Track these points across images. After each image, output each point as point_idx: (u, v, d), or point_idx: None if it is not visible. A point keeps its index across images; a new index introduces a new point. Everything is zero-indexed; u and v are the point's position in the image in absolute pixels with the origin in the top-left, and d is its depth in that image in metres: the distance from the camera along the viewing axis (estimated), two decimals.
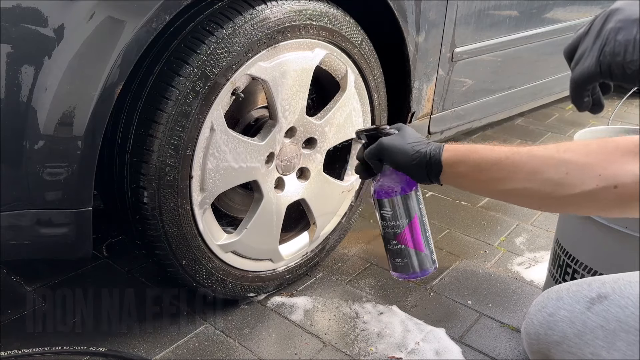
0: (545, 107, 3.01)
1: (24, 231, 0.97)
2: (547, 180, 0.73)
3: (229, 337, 1.28)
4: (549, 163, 0.73)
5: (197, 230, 1.16)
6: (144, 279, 1.47)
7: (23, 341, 1.23)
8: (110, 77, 0.92)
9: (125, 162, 1.06)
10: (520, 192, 0.77)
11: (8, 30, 0.83)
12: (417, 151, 0.84)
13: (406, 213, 0.90)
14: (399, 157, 0.86)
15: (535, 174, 0.74)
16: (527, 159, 0.75)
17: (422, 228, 0.91)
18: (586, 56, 0.63)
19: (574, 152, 0.72)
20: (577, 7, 2.14)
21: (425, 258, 0.91)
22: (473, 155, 0.80)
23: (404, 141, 0.86)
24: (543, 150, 0.75)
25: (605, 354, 0.68)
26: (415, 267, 0.91)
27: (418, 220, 0.91)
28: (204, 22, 1.05)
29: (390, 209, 0.90)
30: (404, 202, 0.89)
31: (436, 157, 0.83)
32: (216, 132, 1.10)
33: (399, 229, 0.90)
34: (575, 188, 0.71)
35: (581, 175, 0.71)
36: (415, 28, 1.43)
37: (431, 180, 0.85)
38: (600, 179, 0.70)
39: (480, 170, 0.79)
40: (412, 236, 0.90)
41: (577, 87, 0.64)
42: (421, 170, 0.84)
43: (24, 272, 1.48)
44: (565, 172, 0.72)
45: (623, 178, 0.68)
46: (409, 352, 1.25)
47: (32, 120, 0.89)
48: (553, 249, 1.31)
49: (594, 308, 0.71)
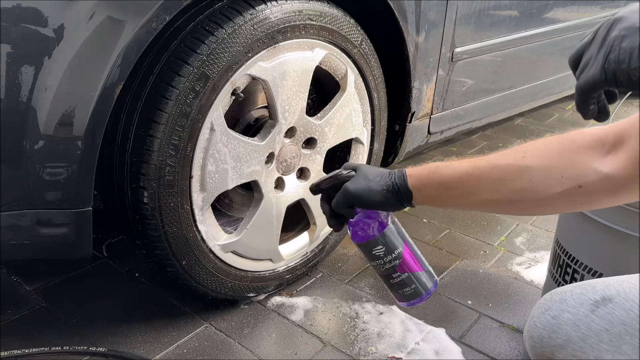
0: (545, 107, 3.01)
1: (24, 231, 0.97)
2: (512, 190, 0.74)
3: (229, 337, 1.28)
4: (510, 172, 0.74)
5: (197, 230, 1.16)
6: (144, 279, 1.47)
7: (23, 341, 1.23)
8: (110, 77, 0.92)
9: (125, 162, 1.06)
10: (490, 203, 0.78)
11: (8, 30, 0.83)
12: (384, 186, 0.85)
13: (396, 243, 0.90)
14: (369, 197, 0.86)
15: (499, 185, 0.75)
16: (488, 171, 0.76)
17: (413, 250, 0.93)
18: (591, 64, 0.64)
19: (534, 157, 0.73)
20: (577, 7, 2.14)
21: (427, 277, 0.92)
22: (435, 176, 0.82)
23: (369, 180, 0.87)
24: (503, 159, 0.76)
25: (610, 357, 0.67)
26: (423, 288, 0.92)
27: (407, 244, 0.92)
28: (204, 22, 1.05)
29: (381, 246, 0.90)
30: (390, 234, 0.90)
31: (403, 186, 0.84)
32: (216, 132, 1.10)
33: (397, 260, 0.90)
34: (541, 193, 0.72)
35: (545, 180, 0.72)
36: (415, 28, 1.43)
37: (403, 206, 0.86)
38: (563, 181, 0.70)
39: (445, 189, 0.81)
40: (409, 262, 0.91)
41: (583, 95, 0.65)
42: (393, 201, 0.85)
43: (24, 272, 1.48)
44: (528, 179, 0.73)
45: (586, 177, 0.69)
46: (409, 352, 1.25)
47: (32, 120, 0.89)
48: (553, 249, 1.31)
49: (599, 311, 0.71)
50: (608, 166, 0.68)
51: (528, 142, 0.76)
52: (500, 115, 2.10)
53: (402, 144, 1.60)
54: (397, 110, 1.57)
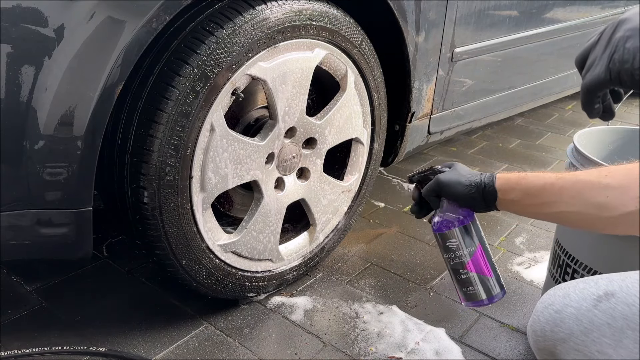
0: (545, 107, 3.01)
1: (24, 231, 0.97)
2: (590, 204, 0.78)
3: (229, 337, 1.28)
4: (591, 187, 0.78)
5: (197, 230, 1.16)
6: (144, 279, 1.47)
7: (23, 341, 1.23)
8: (111, 77, 0.92)
9: (125, 162, 1.06)
10: (567, 215, 0.82)
11: (8, 30, 0.83)
12: (472, 182, 0.92)
13: (471, 241, 0.95)
14: (456, 189, 0.93)
15: (578, 197, 0.79)
16: (572, 184, 0.80)
17: (487, 254, 0.97)
18: (596, 64, 0.65)
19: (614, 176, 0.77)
20: (577, 7, 2.14)
21: (494, 284, 0.96)
22: (523, 182, 0.86)
23: (459, 175, 0.94)
24: (587, 175, 0.80)
25: (612, 351, 0.68)
26: (486, 292, 0.96)
27: (482, 247, 0.96)
28: (204, 22, 1.05)
29: (456, 239, 0.95)
30: (468, 231, 0.95)
31: (490, 186, 0.90)
32: (216, 132, 1.10)
33: (466, 258, 0.95)
34: (616, 210, 0.75)
35: (620, 198, 0.75)
36: (415, 28, 1.43)
37: (488, 207, 0.92)
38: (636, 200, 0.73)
39: (530, 196, 0.85)
40: (479, 263, 0.96)
41: (588, 94, 0.66)
42: (478, 199, 0.91)
43: (24, 272, 1.48)
44: (606, 195, 0.76)
45: None
46: (409, 352, 1.25)
47: (32, 120, 0.89)
48: (553, 249, 1.31)
49: (601, 305, 0.71)
50: None
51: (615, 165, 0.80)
52: (500, 115, 2.11)
53: (402, 144, 1.60)
54: (397, 110, 1.57)
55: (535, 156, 2.43)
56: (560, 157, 2.41)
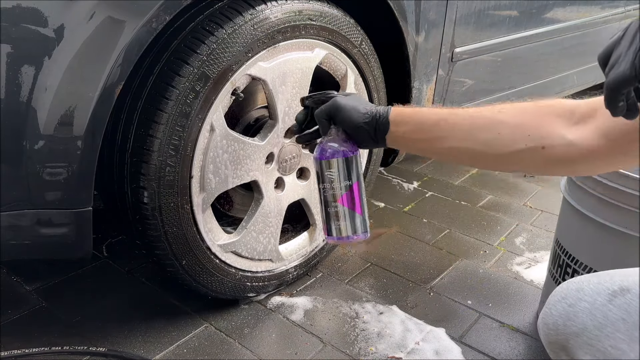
0: None
1: (24, 231, 0.97)
2: (481, 140, 0.79)
3: (229, 337, 1.28)
4: (483, 123, 0.79)
5: (197, 230, 1.16)
6: (144, 279, 1.47)
7: (23, 341, 1.23)
8: (111, 77, 0.92)
9: (125, 162, 1.06)
10: (457, 151, 0.83)
11: (8, 30, 0.83)
12: (369, 110, 0.90)
13: (350, 175, 0.93)
14: (352, 114, 0.90)
15: (470, 133, 0.80)
16: (464, 119, 0.81)
17: (361, 192, 0.95)
18: (621, 61, 0.64)
19: (509, 114, 0.78)
20: (577, 7, 2.14)
21: (361, 222, 0.95)
22: (416, 116, 0.86)
23: (357, 101, 0.92)
24: (480, 111, 0.81)
25: (626, 347, 0.67)
26: (352, 229, 0.95)
27: (358, 183, 0.94)
28: (204, 22, 1.05)
29: (336, 170, 0.93)
30: (349, 164, 0.93)
31: (384, 116, 0.88)
32: (216, 132, 1.10)
33: (342, 191, 0.94)
34: (507, 147, 0.77)
35: (512, 135, 0.76)
36: (415, 28, 1.43)
37: (377, 140, 0.90)
38: (529, 139, 0.75)
39: (422, 130, 0.85)
40: (353, 198, 0.94)
41: (612, 91, 0.65)
42: (370, 129, 0.89)
43: (24, 272, 1.48)
44: (497, 132, 0.77)
45: (551, 140, 0.74)
46: (409, 352, 1.25)
47: (32, 120, 0.89)
48: (553, 249, 1.31)
49: (616, 301, 0.71)
50: (573, 134, 0.72)
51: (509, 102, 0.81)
52: None
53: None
54: None
55: None
56: None
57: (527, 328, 1.34)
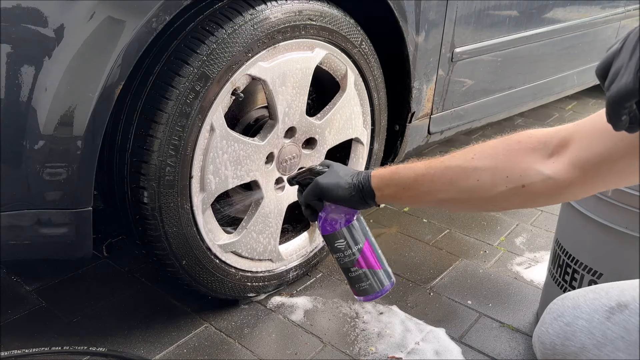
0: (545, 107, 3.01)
1: (24, 231, 0.97)
2: (462, 189, 0.80)
3: (229, 337, 1.28)
4: (459, 172, 0.80)
5: (197, 230, 1.16)
6: (144, 279, 1.47)
7: (23, 341, 1.23)
8: (110, 77, 0.92)
9: (125, 162, 1.06)
10: (445, 201, 0.84)
11: (8, 30, 0.83)
12: (351, 184, 0.92)
13: (358, 238, 0.96)
14: (337, 192, 0.93)
15: (450, 185, 0.81)
16: (441, 172, 0.82)
17: (374, 248, 0.98)
18: (622, 73, 0.62)
19: (481, 158, 0.79)
20: (577, 7, 2.14)
21: (384, 275, 0.98)
22: (395, 177, 0.88)
23: (338, 177, 0.94)
24: (454, 160, 0.82)
25: None
26: (378, 285, 0.98)
27: (369, 242, 0.97)
28: (204, 22, 1.05)
29: (343, 239, 0.96)
30: (354, 229, 0.96)
31: (367, 185, 0.91)
32: (216, 133, 1.10)
33: (355, 256, 0.97)
34: (488, 192, 0.77)
35: (491, 179, 0.77)
36: (415, 28, 1.43)
37: (369, 204, 0.92)
38: (508, 181, 0.75)
39: (404, 189, 0.87)
40: (368, 259, 0.97)
41: (615, 105, 0.64)
42: (358, 198, 0.92)
43: (24, 272, 1.48)
44: (476, 179, 0.78)
45: (529, 177, 0.74)
46: (409, 352, 1.25)
47: (32, 120, 0.89)
48: (553, 249, 1.31)
49: (614, 318, 0.69)
50: (550, 168, 0.72)
51: (477, 144, 0.82)
52: (500, 116, 2.10)
53: (402, 144, 1.60)
54: (397, 110, 1.57)
55: None
56: None
57: (527, 328, 1.34)
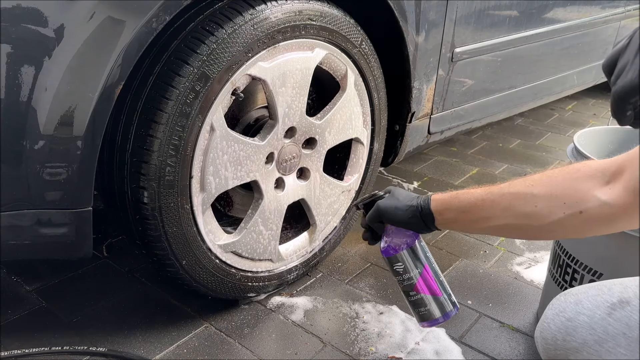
0: (545, 107, 3.01)
1: (24, 231, 0.97)
2: (520, 215, 0.81)
3: (229, 337, 1.28)
4: (518, 199, 0.81)
5: (197, 230, 1.16)
6: (144, 279, 1.47)
7: (23, 341, 1.23)
8: (110, 77, 0.92)
9: (125, 162, 1.06)
10: (502, 227, 0.85)
11: (8, 30, 0.83)
12: (409, 206, 0.94)
13: (417, 263, 0.97)
14: (396, 214, 0.96)
15: (508, 210, 0.82)
16: (500, 198, 0.84)
17: (435, 274, 0.99)
18: (627, 69, 0.63)
19: (541, 185, 0.79)
20: (577, 7, 2.14)
21: (445, 302, 0.98)
22: (455, 201, 0.90)
23: (397, 201, 0.97)
24: (513, 187, 0.83)
25: None
26: (437, 312, 0.98)
27: (429, 267, 0.98)
28: (204, 22, 1.05)
29: (402, 263, 0.98)
30: (412, 254, 0.97)
31: (426, 208, 0.92)
32: (216, 133, 1.10)
33: (413, 280, 0.98)
34: (546, 218, 0.78)
35: (549, 206, 0.77)
36: (415, 28, 1.43)
37: (429, 228, 0.94)
38: (566, 207, 0.75)
39: (464, 213, 0.88)
40: (427, 284, 0.98)
41: (620, 101, 0.64)
42: (417, 221, 0.94)
43: (24, 272, 1.48)
44: (534, 205, 0.78)
45: (586, 204, 0.74)
46: (409, 352, 1.25)
47: (32, 120, 0.89)
48: (553, 248, 1.31)
49: (616, 314, 0.70)
50: (606, 194, 0.72)
51: (536, 173, 0.83)
52: (500, 115, 2.10)
53: (402, 144, 1.60)
54: (397, 110, 1.57)
55: (535, 156, 2.43)
56: (560, 157, 2.41)
57: (527, 328, 1.34)
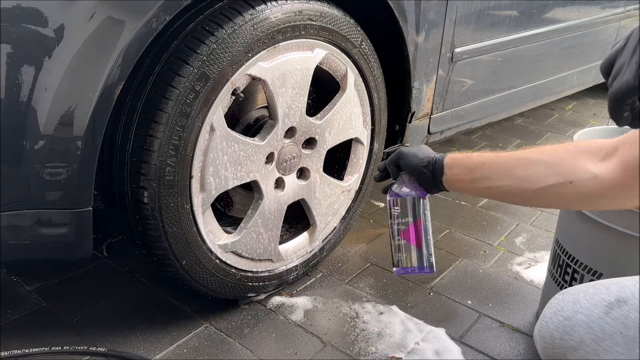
0: (545, 107, 3.01)
1: (24, 231, 0.97)
2: (516, 178, 0.85)
3: (229, 337, 1.28)
4: (521, 163, 0.85)
5: (197, 230, 1.16)
6: (144, 279, 1.47)
7: (23, 341, 1.23)
8: (111, 77, 0.92)
9: (125, 162, 1.06)
10: (498, 190, 0.89)
11: (8, 30, 0.83)
12: (427, 156, 1.02)
13: (412, 214, 1.05)
14: (412, 160, 1.03)
15: (509, 172, 0.87)
16: (505, 160, 0.88)
17: (425, 230, 1.06)
18: (624, 70, 0.64)
19: (545, 153, 0.83)
20: (577, 7, 2.14)
21: (424, 256, 1.05)
22: (465, 159, 0.96)
23: (419, 150, 1.05)
24: (522, 153, 0.87)
25: None
26: (414, 262, 1.05)
27: (422, 223, 1.05)
28: (204, 22, 1.05)
29: (400, 208, 1.06)
30: (412, 204, 1.05)
31: (440, 162, 0.99)
32: (216, 133, 1.10)
33: (403, 226, 1.06)
34: (538, 183, 0.82)
35: (544, 172, 0.81)
36: (415, 28, 1.43)
37: (436, 183, 1.00)
38: (559, 176, 0.79)
39: (469, 171, 0.94)
40: (415, 234, 1.05)
41: (617, 101, 0.65)
42: (428, 172, 1.00)
43: (24, 272, 1.48)
44: (532, 169, 0.83)
45: (578, 175, 0.77)
46: (409, 352, 1.25)
47: (32, 120, 0.89)
48: (553, 249, 1.31)
49: (613, 313, 0.70)
50: (598, 168, 0.75)
51: (553, 144, 0.86)
52: (500, 115, 2.10)
53: (402, 144, 1.60)
54: (397, 110, 1.57)
55: None
56: None
57: (527, 328, 1.34)
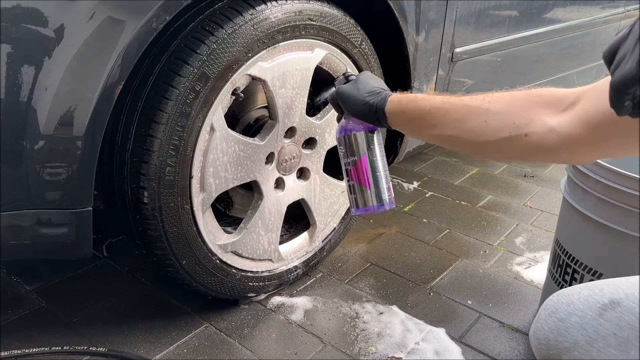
0: None
1: (24, 231, 0.97)
2: (469, 128, 0.82)
3: (229, 337, 1.28)
4: (473, 112, 0.81)
5: (197, 230, 1.16)
6: (144, 279, 1.47)
7: (23, 341, 1.23)
8: (111, 77, 0.92)
9: (125, 162, 1.06)
10: (448, 138, 0.86)
11: (8, 30, 0.83)
12: (366, 102, 0.96)
13: (355, 151, 1.00)
14: (351, 105, 0.98)
15: (460, 122, 0.83)
16: (456, 108, 0.84)
17: (371, 167, 1.00)
18: (627, 59, 0.63)
19: (499, 102, 0.80)
20: (577, 7, 2.14)
21: (372, 194, 1.00)
22: (411, 106, 0.91)
23: (357, 90, 0.98)
24: (472, 100, 0.83)
25: None
26: (361, 202, 1.01)
27: (367, 159, 0.99)
28: (204, 22, 1.05)
29: (344, 147, 1.01)
30: (352, 140, 0.99)
31: (381, 109, 0.94)
32: (216, 133, 1.10)
33: (350, 166, 1.01)
34: (492, 135, 0.79)
35: (498, 123, 0.78)
36: (415, 28, 1.43)
37: (381, 124, 0.96)
38: (513, 127, 0.76)
39: (417, 118, 0.89)
40: (359, 173, 1.00)
41: (618, 90, 0.65)
42: (370, 117, 0.96)
43: (24, 272, 1.48)
44: (484, 120, 0.79)
45: (533, 127, 0.74)
46: (409, 352, 1.25)
47: (32, 120, 0.89)
48: (553, 249, 1.31)
49: (606, 315, 0.70)
50: (555, 121, 0.72)
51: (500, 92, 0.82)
52: None
53: (402, 144, 1.60)
54: None
55: None
56: None
57: (527, 328, 1.34)
